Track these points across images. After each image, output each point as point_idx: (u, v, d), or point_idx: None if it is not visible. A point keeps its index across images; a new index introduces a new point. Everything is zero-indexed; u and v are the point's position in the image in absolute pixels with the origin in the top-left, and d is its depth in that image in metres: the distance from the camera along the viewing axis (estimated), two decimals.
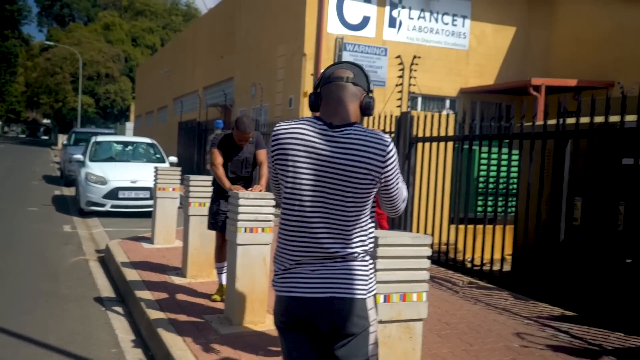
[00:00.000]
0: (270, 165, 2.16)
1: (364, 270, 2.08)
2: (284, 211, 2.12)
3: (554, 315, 5.21)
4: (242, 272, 4.69)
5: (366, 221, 2.10)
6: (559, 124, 5.99)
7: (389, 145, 2.05)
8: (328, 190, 2.03)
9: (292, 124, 2.10)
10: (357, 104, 2.12)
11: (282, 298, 2.09)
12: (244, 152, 5.32)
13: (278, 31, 15.90)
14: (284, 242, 2.10)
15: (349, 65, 2.17)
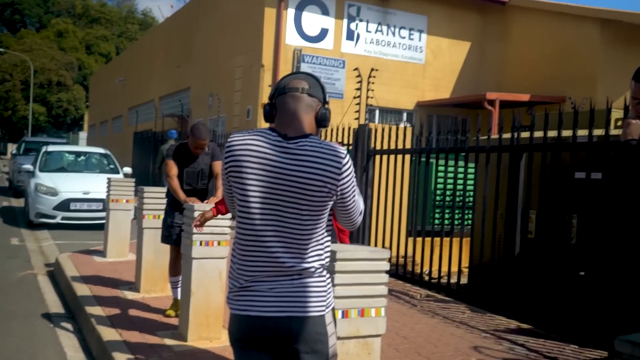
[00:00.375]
0: (224, 179, 2.10)
1: (322, 285, 2.03)
2: (239, 226, 2.05)
3: (510, 329, 5.25)
4: (197, 286, 4.57)
5: (322, 235, 2.06)
6: (514, 138, 6.08)
7: (344, 157, 2.01)
8: (283, 204, 1.98)
9: (245, 135, 2.04)
10: (312, 115, 2.08)
11: (237, 316, 2.02)
12: (200, 163, 5.22)
13: (236, 42, 15.81)
14: (239, 258, 2.04)
15: (305, 75, 2.12)
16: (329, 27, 14.91)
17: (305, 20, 14.63)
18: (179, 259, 5.31)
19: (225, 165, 2.05)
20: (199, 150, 5.11)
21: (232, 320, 2.06)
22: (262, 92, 14.21)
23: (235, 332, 2.05)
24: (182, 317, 4.71)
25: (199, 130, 5.05)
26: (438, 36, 16.05)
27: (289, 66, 14.35)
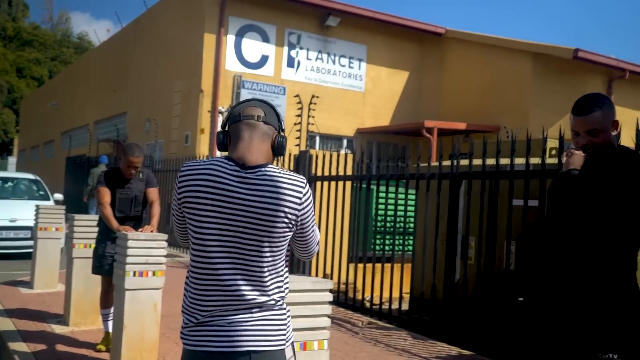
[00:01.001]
0: (176, 209, 1.99)
1: (282, 319, 1.96)
2: (193, 259, 1.94)
3: (452, 355, 5.22)
4: (131, 319, 4.34)
5: (282, 266, 1.98)
6: (453, 165, 6.15)
7: (305, 186, 1.96)
8: (242, 236, 1.90)
9: (201, 164, 1.95)
10: (269, 143, 2.02)
11: (194, 352, 1.91)
12: (133, 189, 5.01)
13: (174, 67, 15.59)
14: (195, 292, 1.93)
15: (259, 103, 2.05)
16: (270, 54, 14.91)
17: (246, 47, 14.59)
18: (111, 291, 5.05)
19: (179, 195, 1.95)
20: (132, 170, 4.90)
21: (186, 357, 1.95)
22: (201, 118, 14.01)
23: None
24: (113, 352, 4.45)
25: (131, 149, 4.88)
26: (377, 65, 16.31)
27: (228, 92, 14.24)
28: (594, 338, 2.46)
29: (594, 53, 14.11)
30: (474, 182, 5.98)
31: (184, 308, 1.97)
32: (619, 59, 14.90)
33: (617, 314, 2.45)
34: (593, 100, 2.55)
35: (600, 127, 2.52)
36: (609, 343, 2.43)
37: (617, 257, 2.49)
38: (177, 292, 6.78)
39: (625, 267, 2.49)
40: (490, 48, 15.23)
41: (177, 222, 2.04)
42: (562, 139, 5.11)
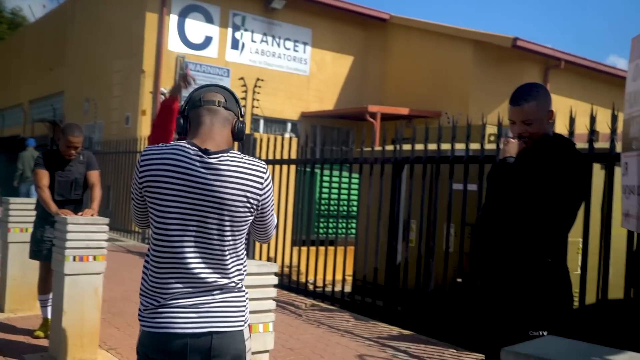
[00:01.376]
0: (137, 193, 1.99)
1: (241, 300, 2.01)
2: (156, 243, 1.95)
3: (393, 335, 5.36)
4: (70, 304, 4.25)
5: (242, 249, 2.03)
6: (396, 150, 6.26)
7: (266, 172, 2.01)
8: (205, 220, 1.93)
9: (163, 149, 1.95)
10: (229, 129, 2.04)
11: (155, 334, 1.93)
12: (73, 172, 4.88)
13: (114, 46, 15.17)
14: (157, 275, 1.95)
15: (219, 88, 2.07)
16: (214, 35, 14.70)
17: (189, 27, 14.32)
18: (50, 276, 4.92)
19: (140, 180, 1.95)
20: (72, 150, 4.76)
21: (146, 339, 1.96)
22: (142, 99, 13.71)
23: (150, 350, 1.95)
24: (53, 338, 4.36)
25: (71, 128, 4.75)
26: (322, 49, 16.31)
27: (171, 73, 13.97)
28: (525, 317, 2.59)
29: (531, 42, 14.53)
30: (416, 167, 6.11)
31: (143, 291, 1.98)
32: (555, 48, 15.42)
33: (546, 294, 2.58)
34: (528, 91, 2.65)
35: (534, 117, 2.62)
36: (538, 321, 2.55)
37: (546, 240, 2.61)
38: (118, 276, 6.68)
39: (555, 249, 2.62)
40: (433, 35, 15.46)
41: (137, 206, 2.05)
42: (500, 126, 5.27)
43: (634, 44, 3.03)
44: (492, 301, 2.75)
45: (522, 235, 2.61)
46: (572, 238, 4.83)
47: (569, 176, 2.52)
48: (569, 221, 2.66)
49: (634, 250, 4.22)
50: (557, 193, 2.53)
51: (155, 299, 1.94)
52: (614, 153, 4.40)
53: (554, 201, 2.54)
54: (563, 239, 2.70)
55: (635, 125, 2.80)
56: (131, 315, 5.54)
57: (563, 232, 2.67)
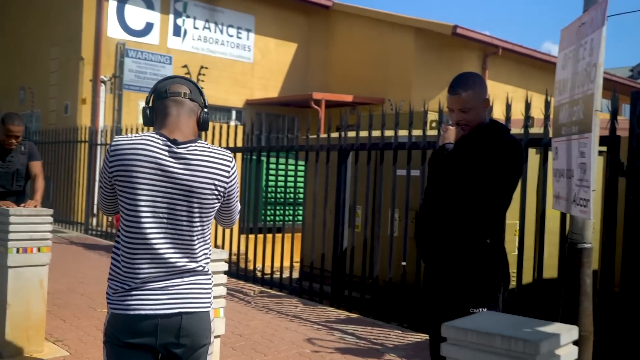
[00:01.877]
0: (106, 181, 2.06)
1: (208, 283, 2.13)
2: (127, 230, 2.03)
3: (340, 319, 5.49)
4: (15, 297, 4.19)
5: (208, 235, 2.15)
6: (341, 137, 6.36)
7: (232, 161, 2.12)
8: (175, 208, 2.02)
9: (132, 139, 2.03)
10: (194, 119, 2.15)
11: (126, 316, 2.01)
12: (15, 163, 4.80)
13: (50, 32, 14.69)
14: (128, 261, 2.03)
15: (184, 80, 2.19)
16: (155, 22, 14.43)
17: (129, 13, 14.01)
18: None
19: (111, 169, 2.02)
20: (12, 140, 4.68)
21: (116, 320, 2.03)
22: (82, 87, 13.36)
23: (121, 332, 2.02)
24: None
25: (11, 117, 4.69)
26: (266, 36, 16.25)
27: (111, 60, 13.66)
28: (466, 295, 2.74)
29: (471, 30, 14.88)
30: (361, 154, 6.23)
31: (113, 276, 2.06)
32: (493, 36, 15.82)
33: (486, 273, 2.73)
34: (465, 81, 2.79)
35: (470, 105, 2.75)
36: (478, 298, 2.71)
37: (485, 222, 2.76)
38: (62, 268, 6.58)
39: (493, 231, 2.77)
40: (376, 22, 15.63)
41: (105, 194, 2.12)
42: (441, 113, 5.45)
43: (563, 35, 3.21)
44: (436, 281, 2.89)
45: (462, 218, 2.75)
46: (509, 220, 5.06)
47: (503, 161, 2.67)
48: (504, 204, 2.82)
49: (565, 231, 4.47)
50: (493, 178, 2.67)
51: (127, 282, 2.02)
52: (547, 138, 4.63)
53: (490, 185, 2.69)
54: (500, 221, 2.86)
55: (564, 111, 2.97)
56: (77, 306, 5.48)
57: (500, 214, 2.83)
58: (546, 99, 4.64)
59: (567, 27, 3.19)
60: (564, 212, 3.29)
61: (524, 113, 4.88)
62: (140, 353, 2.02)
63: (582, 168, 2.62)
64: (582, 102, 2.72)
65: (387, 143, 5.90)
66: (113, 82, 13.64)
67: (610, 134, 4.32)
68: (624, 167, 4.20)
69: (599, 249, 4.70)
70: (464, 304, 2.70)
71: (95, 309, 5.38)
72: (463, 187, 2.70)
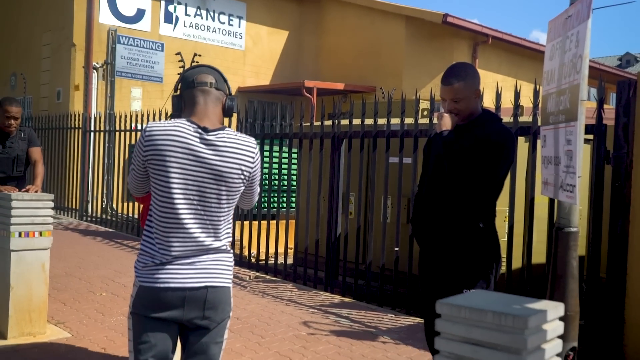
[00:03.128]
0: (139, 164, 2.21)
1: (230, 261, 2.31)
2: (160, 210, 2.19)
3: (335, 303, 5.63)
4: (17, 280, 4.28)
5: (231, 216, 2.31)
6: (335, 125, 6.47)
7: (256, 147, 2.29)
8: (205, 191, 2.18)
9: (166, 125, 2.18)
10: (220, 107, 2.30)
11: (155, 289, 2.16)
12: (15, 149, 4.88)
13: (41, 18, 14.63)
14: (160, 238, 2.19)
15: (209, 69, 2.34)
16: (146, 8, 14.40)
17: (120, 0, 13.99)
18: None
19: (145, 153, 2.17)
20: (11, 121, 4.77)
21: (146, 293, 2.18)
22: (74, 73, 13.35)
23: (147, 304, 2.17)
24: (0, 314, 4.38)
25: (8, 99, 4.87)
26: (257, 23, 16.26)
27: (103, 47, 13.65)
28: (459, 276, 2.87)
29: (461, 19, 14.97)
30: (354, 141, 6.35)
31: (145, 251, 2.22)
32: (483, 24, 15.93)
33: (478, 255, 2.87)
34: (457, 71, 2.91)
35: (462, 95, 2.87)
36: (471, 279, 2.84)
37: (478, 207, 2.89)
38: (59, 253, 6.66)
39: (485, 215, 2.91)
40: (367, 10, 15.68)
41: (137, 176, 2.27)
42: (432, 101, 5.56)
43: (550, 27, 3.32)
44: (430, 264, 3.02)
45: (456, 204, 2.88)
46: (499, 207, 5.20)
47: (496, 150, 2.80)
48: (496, 190, 2.95)
49: (553, 217, 4.61)
50: (486, 165, 2.80)
51: (157, 257, 2.18)
52: (536, 127, 4.75)
53: (483, 172, 2.82)
54: (492, 206, 2.99)
55: (552, 101, 3.09)
56: (76, 290, 5.58)
57: (492, 199, 2.96)
58: (535, 88, 4.76)
59: (554, 19, 3.31)
60: (551, 197, 3.43)
61: (513, 102, 5.01)
62: (165, 324, 2.17)
63: (568, 155, 2.75)
64: (568, 91, 2.84)
65: (379, 131, 6.02)
66: (105, 68, 13.64)
67: (597, 122, 4.46)
68: (610, 155, 4.34)
69: (586, 235, 4.85)
70: (457, 284, 2.84)
71: (94, 292, 5.48)
72: (458, 174, 2.83)
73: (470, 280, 2.84)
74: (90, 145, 11.33)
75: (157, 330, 2.17)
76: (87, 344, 4.23)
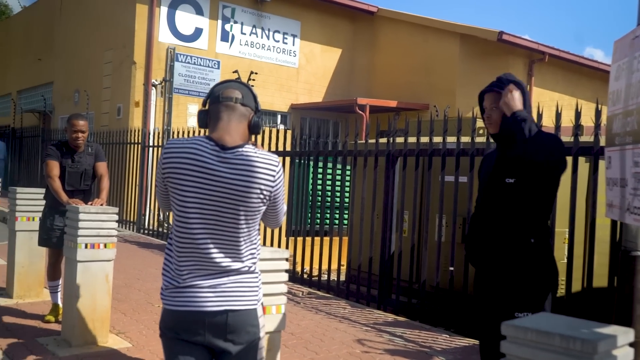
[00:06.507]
0: (160, 181, 2.17)
1: (254, 282, 2.18)
2: (176, 228, 2.13)
3: (388, 321, 5.61)
4: (83, 290, 4.45)
5: (255, 235, 2.19)
6: (389, 143, 6.48)
7: (278, 165, 2.16)
8: (221, 210, 2.08)
9: (184, 142, 2.12)
10: (245, 124, 2.19)
11: (176, 312, 2.11)
12: (83, 163, 5.07)
13: (104, 37, 15.20)
14: (177, 258, 2.13)
15: (238, 85, 2.23)
16: (204, 27, 14.80)
17: (179, 19, 14.41)
18: (59, 263, 5.14)
19: (163, 170, 2.12)
20: (79, 134, 4.98)
21: (168, 316, 2.14)
22: (134, 90, 13.80)
23: (171, 327, 2.13)
24: (65, 322, 4.55)
25: (75, 115, 5.18)
26: (311, 41, 16.47)
27: (162, 64, 14.07)
28: (512, 299, 2.81)
29: (516, 36, 14.80)
30: (409, 159, 6.34)
31: (166, 271, 2.16)
32: (540, 42, 15.69)
33: (531, 275, 2.80)
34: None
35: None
36: (523, 303, 2.78)
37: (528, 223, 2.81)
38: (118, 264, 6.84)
39: (537, 231, 2.82)
40: (420, 28, 15.68)
41: (160, 192, 2.22)
42: None
43: (616, 47, 3.27)
44: (484, 285, 2.97)
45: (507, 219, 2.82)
46: (559, 228, 5.11)
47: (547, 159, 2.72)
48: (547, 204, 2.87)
49: (616, 239, 4.49)
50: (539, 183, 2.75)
51: (176, 279, 2.12)
52: (598, 147, 4.66)
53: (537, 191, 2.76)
54: (544, 221, 2.90)
55: (618, 122, 3.04)
56: (135, 301, 5.74)
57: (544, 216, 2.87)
58: (596, 107, 4.67)
59: (620, 39, 3.26)
60: (617, 220, 3.35)
61: (573, 121, 4.92)
62: (192, 347, 2.11)
63: (636, 177, 2.70)
64: (636, 113, 2.79)
65: (435, 149, 6.00)
66: (163, 85, 14.05)
67: None
68: None
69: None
70: (510, 308, 2.78)
71: (153, 304, 5.62)
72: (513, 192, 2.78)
73: (525, 302, 2.78)
74: (149, 160, 11.65)
75: (185, 354, 2.11)
76: (147, 354, 4.34)
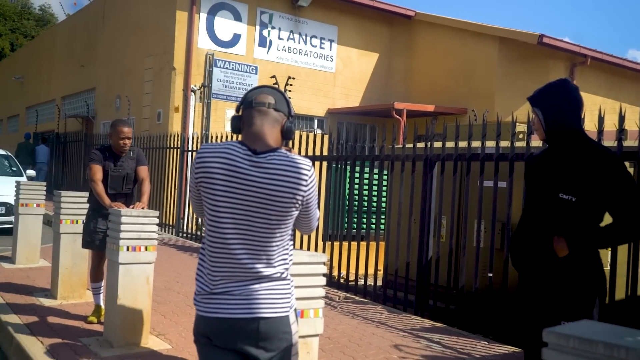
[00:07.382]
0: (193, 186, 2.17)
1: (287, 288, 2.16)
2: (208, 234, 2.12)
3: (425, 327, 5.57)
4: (124, 292, 4.54)
5: (287, 241, 2.18)
6: (427, 147, 6.44)
7: (310, 169, 2.14)
8: (253, 215, 2.08)
9: (217, 147, 2.12)
10: (278, 129, 2.19)
11: (208, 318, 2.11)
12: (125, 167, 5.18)
13: (145, 43, 15.50)
14: (209, 264, 2.13)
15: (271, 90, 2.23)
16: (242, 33, 14.96)
17: (218, 25, 14.60)
18: (102, 265, 5.25)
19: (196, 175, 2.13)
20: (125, 141, 5.08)
21: (200, 322, 2.14)
22: (173, 96, 14.03)
23: (203, 333, 2.13)
24: (108, 323, 4.65)
25: (120, 121, 5.24)
26: (348, 46, 16.49)
27: (201, 70, 14.27)
28: (559, 307, 2.78)
29: (557, 39, 14.55)
30: (447, 164, 6.29)
31: (199, 277, 2.17)
32: (581, 45, 15.39)
33: (579, 284, 2.76)
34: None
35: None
36: (571, 311, 2.74)
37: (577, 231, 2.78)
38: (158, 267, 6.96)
39: None
40: (458, 32, 15.55)
41: (194, 197, 2.22)
42: (529, 124, 5.43)
43: None
44: (529, 292, 2.94)
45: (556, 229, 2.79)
46: None
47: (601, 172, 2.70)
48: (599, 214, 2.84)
49: None
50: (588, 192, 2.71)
51: (208, 285, 2.11)
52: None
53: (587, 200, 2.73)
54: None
55: None
56: (174, 303, 5.82)
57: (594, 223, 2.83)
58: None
59: None
60: None
61: (616, 125, 4.82)
62: (226, 352, 2.10)
63: None
64: None
65: (474, 154, 5.94)
66: (202, 91, 14.24)
67: None
68: None
69: None
70: (556, 315, 2.74)
71: (192, 307, 5.70)
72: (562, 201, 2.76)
73: (571, 311, 2.74)
74: (187, 165, 11.82)
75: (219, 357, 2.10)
76: (186, 356, 4.40)
